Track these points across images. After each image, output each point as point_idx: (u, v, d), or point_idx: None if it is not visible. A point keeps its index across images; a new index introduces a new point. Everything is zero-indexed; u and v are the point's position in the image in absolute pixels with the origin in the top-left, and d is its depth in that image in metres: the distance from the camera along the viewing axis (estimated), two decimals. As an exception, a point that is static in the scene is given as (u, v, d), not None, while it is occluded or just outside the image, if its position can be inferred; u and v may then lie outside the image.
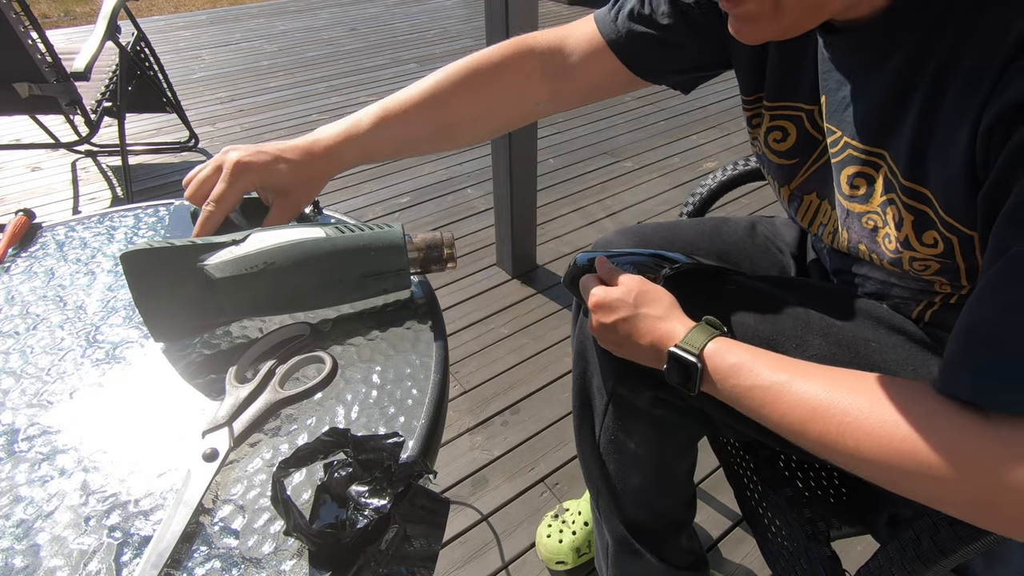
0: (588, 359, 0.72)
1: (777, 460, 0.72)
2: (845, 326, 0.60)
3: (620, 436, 0.71)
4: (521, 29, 1.39)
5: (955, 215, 0.47)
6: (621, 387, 0.67)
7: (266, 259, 0.52)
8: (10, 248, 0.67)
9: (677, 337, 0.54)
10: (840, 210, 0.58)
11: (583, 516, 1.09)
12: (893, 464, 0.41)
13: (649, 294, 0.58)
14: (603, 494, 0.77)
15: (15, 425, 0.48)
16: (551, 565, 1.08)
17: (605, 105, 2.93)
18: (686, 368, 0.52)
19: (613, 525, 0.78)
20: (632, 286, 0.59)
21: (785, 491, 0.68)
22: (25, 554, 0.39)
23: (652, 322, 0.56)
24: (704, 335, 0.53)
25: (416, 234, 0.58)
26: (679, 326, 0.55)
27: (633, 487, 0.75)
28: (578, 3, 4.61)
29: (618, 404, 0.69)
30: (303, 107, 2.97)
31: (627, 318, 0.57)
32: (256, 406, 0.48)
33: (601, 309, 0.60)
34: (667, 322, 0.56)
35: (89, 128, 1.99)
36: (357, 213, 2.14)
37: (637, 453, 0.72)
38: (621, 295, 0.58)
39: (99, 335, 0.57)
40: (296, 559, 0.39)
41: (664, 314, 0.57)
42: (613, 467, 0.74)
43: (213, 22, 4.40)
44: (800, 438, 0.46)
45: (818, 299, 0.62)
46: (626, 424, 0.70)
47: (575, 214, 2.13)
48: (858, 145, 0.54)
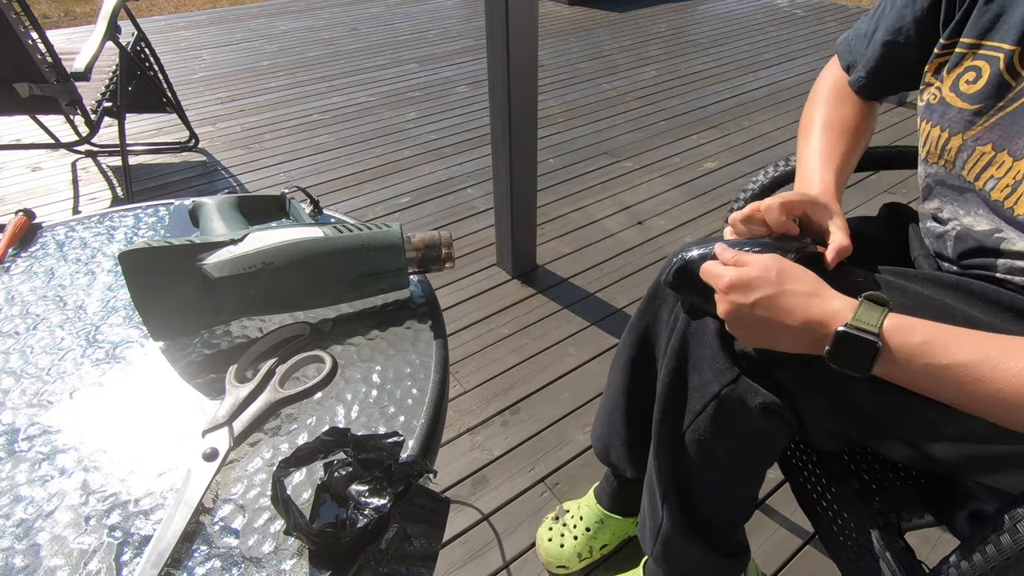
0: (688, 356, 0.69)
1: (842, 455, 0.71)
2: (985, 316, 0.57)
3: (710, 439, 0.68)
4: (522, 29, 1.40)
5: None
6: (729, 392, 0.64)
7: (264, 259, 0.53)
8: (10, 248, 0.67)
9: (844, 315, 0.50)
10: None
11: (584, 521, 1.07)
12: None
13: (790, 271, 0.54)
14: (672, 484, 0.76)
15: (15, 425, 0.48)
16: (552, 569, 1.07)
17: (605, 105, 2.94)
18: (861, 348, 0.48)
19: (674, 512, 0.77)
20: (771, 264, 0.54)
21: (852, 484, 0.67)
22: (25, 554, 0.39)
23: (803, 299, 0.52)
24: (876, 311, 0.49)
25: (415, 234, 0.58)
26: (838, 303, 0.51)
27: (706, 484, 0.74)
28: (578, 3, 4.61)
29: (720, 408, 0.66)
30: (303, 107, 2.96)
31: (771, 295, 0.53)
32: (256, 406, 0.48)
33: (737, 289, 0.55)
34: (822, 299, 0.52)
35: (89, 128, 1.99)
36: (357, 213, 2.14)
37: (722, 457, 0.70)
38: (760, 273, 0.54)
39: (99, 335, 0.57)
40: (296, 559, 0.40)
41: (815, 290, 0.52)
42: (691, 462, 0.72)
43: (213, 22, 4.40)
44: (1012, 415, 0.44)
45: (951, 288, 0.60)
46: (721, 428, 0.67)
47: (575, 214, 2.13)
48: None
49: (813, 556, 1.09)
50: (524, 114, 1.55)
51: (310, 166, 2.44)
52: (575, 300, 1.73)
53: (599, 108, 2.91)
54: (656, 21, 4.22)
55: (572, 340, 1.59)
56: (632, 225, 2.07)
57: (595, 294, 1.76)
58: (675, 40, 3.83)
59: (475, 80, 3.24)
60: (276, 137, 2.68)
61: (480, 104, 2.96)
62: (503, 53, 1.43)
